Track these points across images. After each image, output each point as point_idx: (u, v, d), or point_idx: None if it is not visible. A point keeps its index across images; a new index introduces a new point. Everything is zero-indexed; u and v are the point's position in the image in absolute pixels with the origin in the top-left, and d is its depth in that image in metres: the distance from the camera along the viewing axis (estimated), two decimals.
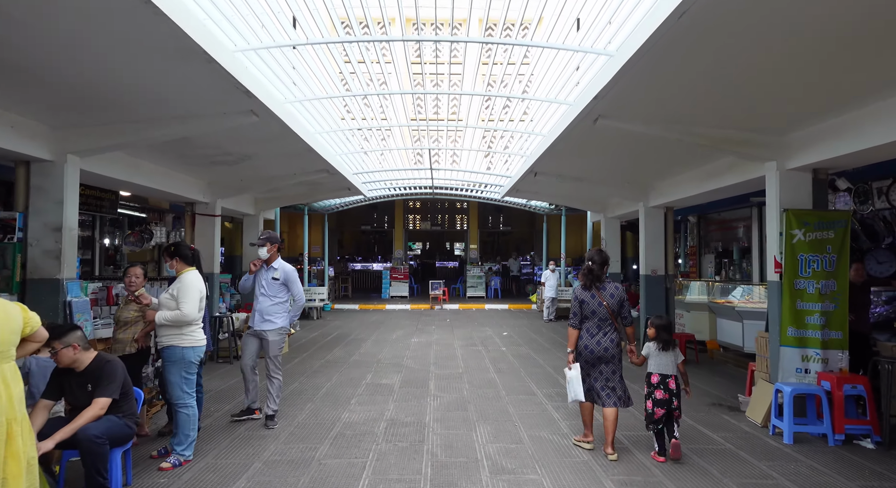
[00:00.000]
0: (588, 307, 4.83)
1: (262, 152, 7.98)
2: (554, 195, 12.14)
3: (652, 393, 4.75)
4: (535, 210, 18.71)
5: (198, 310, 4.70)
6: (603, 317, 4.80)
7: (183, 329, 4.69)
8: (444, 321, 15.44)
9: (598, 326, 4.83)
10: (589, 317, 4.84)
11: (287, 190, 11.21)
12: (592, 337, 4.82)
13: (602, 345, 4.79)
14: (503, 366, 9.11)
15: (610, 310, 4.79)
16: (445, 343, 11.57)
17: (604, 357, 4.81)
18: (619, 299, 4.86)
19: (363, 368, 8.91)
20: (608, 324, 4.83)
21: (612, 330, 4.84)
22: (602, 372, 4.86)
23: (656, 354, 4.85)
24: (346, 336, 12.48)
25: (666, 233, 9.65)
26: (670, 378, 4.75)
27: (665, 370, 4.77)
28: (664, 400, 4.69)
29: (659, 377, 4.76)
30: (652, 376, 4.81)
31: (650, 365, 4.88)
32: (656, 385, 4.74)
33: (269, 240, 6.15)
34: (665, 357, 4.82)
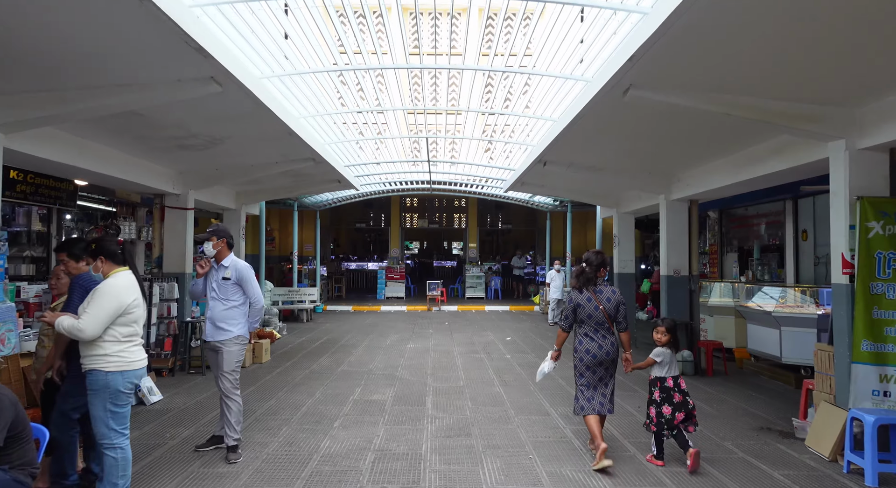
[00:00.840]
0: (584, 311, 4.70)
1: (236, 135, 6.91)
2: (563, 188, 11.08)
3: (671, 398, 4.56)
4: (537, 207, 17.65)
5: (101, 327, 3.51)
6: (599, 321, 4.66)
7: (108, 347, 3.61)
8: (442, 324, 14.38)
9: (594, 330, 4.69)
10: (585, 321, 4.72)
11: (270, 181, 10.12)
12: (593, 341, 4.68)
13: (604, 348, 4.66)
14: (509, 378, 8.05)
15: (606, 314, 4.64)
16: (444, 349, 10.50)
17: (605, 361, 4.68)
18: (616, 303, 4.69)
19: (352, 381, 7.84)
20: (605, 328, 4.69)
21: (609, 334, 4.71)
22: (602, 378, 4.73)
23: (671, 359, 4.73)
24: (336, 341, 11.40)
25: (690, 229, 8.61)
26: (680, 378, 4.68)
27: (674, 372, 4.70)
28: (681, 402, 4.55)
29: (673, 380, 4.64)
30: (667, 380, 4.64)
31: (660, 369, 4.70)
32: (673, 388, 4.59)
33: (214, 233, 5.09)
34: (674, 359, 4.78)
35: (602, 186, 10.22)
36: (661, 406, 4.57)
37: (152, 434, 5.45)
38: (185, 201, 8.51)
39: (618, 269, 10.94)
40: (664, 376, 4.66)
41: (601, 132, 6.81)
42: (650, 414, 4.65)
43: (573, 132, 6.76)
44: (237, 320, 5.02)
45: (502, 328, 13.62)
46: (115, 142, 6.68)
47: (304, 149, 8.00)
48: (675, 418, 4.50)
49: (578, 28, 5.57)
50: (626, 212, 10.85)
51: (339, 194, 16.22)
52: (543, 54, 6.52)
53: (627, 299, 10.90)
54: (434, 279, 19.52)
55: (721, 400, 6.86)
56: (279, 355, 9.79)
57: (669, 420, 4.52)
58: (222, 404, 4.96)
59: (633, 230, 11.05)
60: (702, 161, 7.49)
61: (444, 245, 36.92)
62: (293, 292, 14.82)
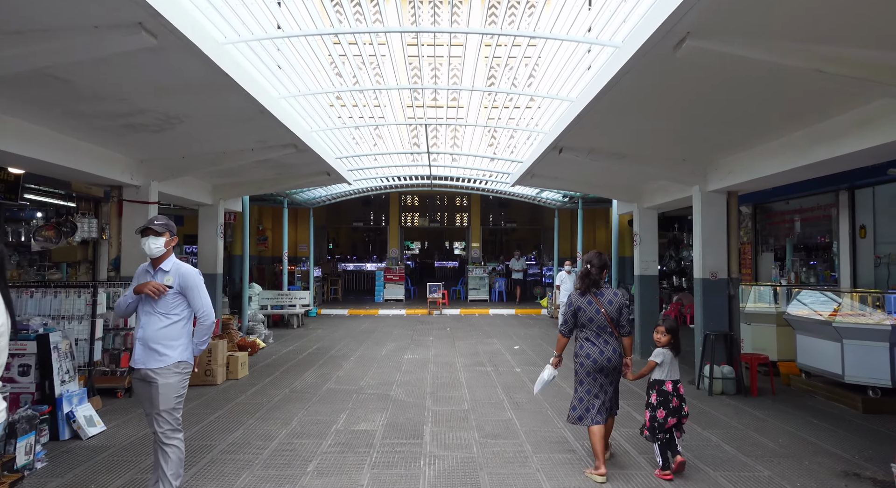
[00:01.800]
0: (585, 314, 4.49)
1: (195, 113, 5.71)
2: (578, 181, 9.85)
3: (668, 403, 4.41)
4: (545, 203, 16.44)
5: None
6: (601, 325, 4.45)
7: None
8: (443, 330, 13.16)
9: (596, 335, 4.47)
10: (586, 325, 4.50)
11: (249, 173, 8.91)
12: (593, 346, 4.45)
13: (605, 354, 4.42)
14: (521, 399, 6.83)
15: (608, 317, 4.43)
16: (446, 361, 9.29)
17: (606, 368, 4.44)
18: (618, 306, 4.48)
19: (338, 402, 6.63)
20: (607, 332, 4.46)
21: (612, 339, 4.46)
22: (603, 386, 4.48)
23: (670, 361, 4.54)
24: (326, 351, 10.20)
25: (729, 224, 7.38)
26: (679, 383, 4.53)
27: (675, 375, 4.53)
28: (677, 407, 4.41)
29: (672, 384, 4.47)
30: (666, 384, 4.47)
31: (662, 373, 4.52)
32: (671, 392, 4.44)
33: (167, 227, 3.90)
34: (675, 362, 4.59)
35: (624, 177, 8.99)
36: (657, 409, 4.42)
37: (75, 484, 4.25)
38: (146, 194, 7.31)
39: (639, 271, 9.72)
40: (663, 379, 4.49)
41: (631, 109, 5.60)
42: (646, 418, 4.51)
43: (597, 111, 5.56)
44: (178, 341, 3.83)
45: (509, 334, 12.41)
46: (44, 119, 5.47)
47: (283, 134, 6.80)
48: (667, 422, 4.37)
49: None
50: (648, 207, 9.63)
51: (333, 190, 15.02)
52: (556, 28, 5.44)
53: (651, 304, 9.74)
54: (435, 280, 18.33)
55: (780, 431, 5.64)
56: (259, 369, 8.58)
57: (661, 424, 4.38)
58: (157, 451, 3.75)
59: (655, 227, 9.83)
60: (750, 143, 6.27)
61: (445, 245, 35.78)
62: (283, 296, 13.63)
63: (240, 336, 10.18)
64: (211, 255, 9.42)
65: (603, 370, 4.42)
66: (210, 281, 9.44)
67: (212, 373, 7.49)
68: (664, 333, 4.57)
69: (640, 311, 9.51)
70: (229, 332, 9.52)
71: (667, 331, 4.55)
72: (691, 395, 6.99)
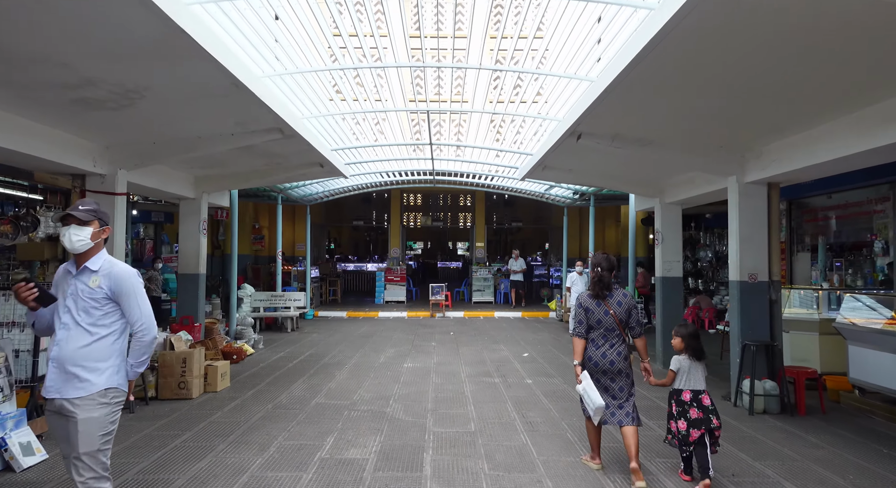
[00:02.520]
0: (593, 316, 4.31)
1: (157, 85, 4.83)
2: (596, 173, 8.92)
3: (685, 413, 4.13)
4: (553, 201, 15.56)
5: None
6: (609, 327, 4.28)
7: None
8: (446, 334, 12.28)
9: (603, 337, 4.30)
10: (594, 327, 4.32)
11: (232, 163, 8.03)
12: (598, 348, 4.29)
13: (608, 357, 4.24)
14: (536, 418, 5.94)
15: (617, 319, 4.27)
16: (449, 371, 8.41)
17: (610, 371, 4.26)
18: (628, 307, 4.32)
19: (326, 421, 5.76)
20: (615, 334, 4.29)
21: (619, 341, 4.30)
22: (608, 388, 4.29)
23: (688, 368, 4.24)
24: (319, 357, 9.32)
25: (770, 220, 6.48)
26: (703, 393, 4.17)
27: (697, 385, 4.20)
28: (700, 419, 4.07)
29: (691, 393, 4.17)
30: (683, 393, 4.20)
31: (680, 381, 4.25)
32: (689, 402, 4.14)
33: (96, 214, 3.05)
34: (696, 370, 4.23)
35: (646, 169, 8.09)
36: (677, 420, 4.19)
37: None
38: (113, 184, 6.44)
39: (661, 272, 8.81)
40: (680, 389, 4.24)
41: (665, 84, 4.72)
42: (670, 428, 4.29)
43: (626, 86, 4.70)
44: (107, 362, 2.97)
45: (516, 339, 11.51)
46: None
47: (265, 116, 5.93)
48: (690, 435, 4.08)
49: None
50: (672, 202, 8.71)
51: (331, 186, 14.16)
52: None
53: (674, 309, 8.84)
54: (438, 281, 17.46)
55: (846, 463, 4.73)
56: (243, 379, 7.71)
57: (684, 436, 4.13)
58: None
59: (679, 224, 8.92)
60: (801, 124, 5.36)
61: (448, 245, 34.90)
62: (277, 297, 12.76)
63: (225, 342, 9.31)
64: (192, 254, 8.56)
65: (606, 373, 4.25)
66: (191, 282, 8.59)
67: (186, 386, 6.62)
68: (678, 338, 4.33)
69: (663, 316, 8.60)
70: (212, 338, 8.66)
71: (684, 337, 4.28)
72: (728, 414, 6.09)
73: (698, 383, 4.20)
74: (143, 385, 6.36)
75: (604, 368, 4.23)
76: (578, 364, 4.28)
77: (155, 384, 6.61)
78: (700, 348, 4.26)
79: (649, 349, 4.85)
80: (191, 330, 8.38)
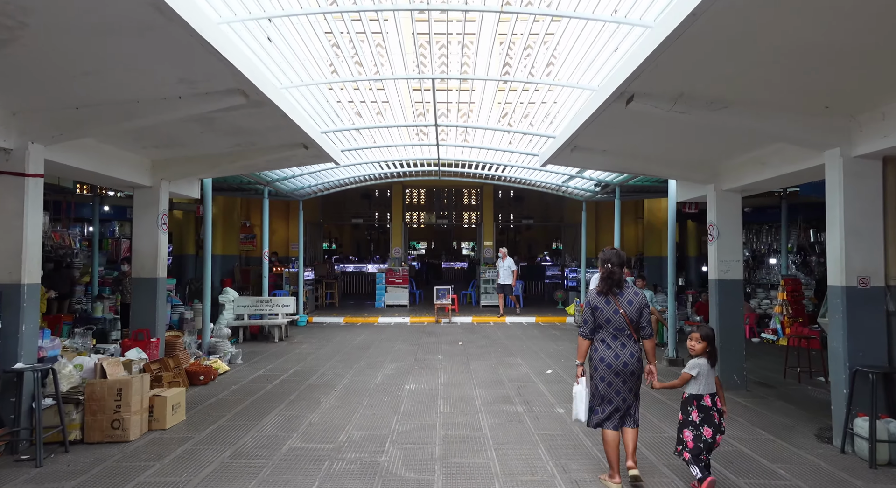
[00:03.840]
0: (602, 314, 3.99)
1: (39, 4, 3.26)
2: (632, 155, 7.21)
3: (711, 419, 3.84)
4: (571, 195, 13.94)
5: None
6: (619, 326, 3.97)
7: None
8: (454, 344, 10.68)
9: (613, 337, 3.99)
10: (603, 326, 4.01)
11: (194, 141, 6.40)
12: (609, 349, 3.98)
13: (621, 358, 3.95)
14: (582, 472, 4.34)
15: (627, 318, 3.95)
16: (460, 395, 6.81)
17: (623, 373, 3.96)
18: (638, 307, 3.99)
19: (298, 481, 4.17)
20: (625, 334, 3.98)
21: (630, 341, 3.98)
22: (619, 391, 3.98)
23: (707, 373, 3.92)
24: (304, 376, 7.74)
25: (886, 207, 4.88)
26: (717, 396, 3.93)
27: (711, 389, 3.92)
28: (719, 424, 3.87)
29: (711, 398, 3.89)
30: (705, 398, 3.89)
31: (698, 386, 3.91)
32: (711, 407, 3.87)
33: None
34: (712, 374, 3.95)
35: (702, 146, 6.46)
36: (701, 427, 3.84)
37: None
38: (22, 162, 4.85)
39: (716, 274, 7.19)
40: (701, 393, 3.90)
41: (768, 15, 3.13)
42: (683, 438, 3.91)
43: (704, 27, 3.13)
44: None
45: (534, 351, 9.91)
46: None
47: (220, 71, 4.36)
48: (716, 441, 3.84)
49: None
50: (730, 188, 7.09)
51: (325, 179, 12.58)
52: None
53: (733, 320, 7.22)
54: (443, 283, 15.86)
55: None
56: (205, 409, 6.12)
57: (709, 443, 3.83)
58: None
59: (739, 215, 7.28)
60: None
61: (453, 244, 33.32)
62: (263, 303, 11.18)
63: (192, 359, 7.74)
64: (148, 254, 6.97)
65: (620, 375, 3.98)
66: (147, 288, 7.01)
67: (122, 425, 5.03)
68: (699, 340, 4.00)
69: (721, 330, 6.99)
70: (174, 356, 7.08)
71: (701, 339, 3.99)
72: (836, 464, 4.53)
73: (712, 387, 3.94)
74: (63, 425, 4.78)
75: (616, 370, 3.98)
76: (580, 364, 4.13)
77: (80, 423, 5.03)
78: (715, 351, 4.03)
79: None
80: (146, 346, 6.80)
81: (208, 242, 8.75)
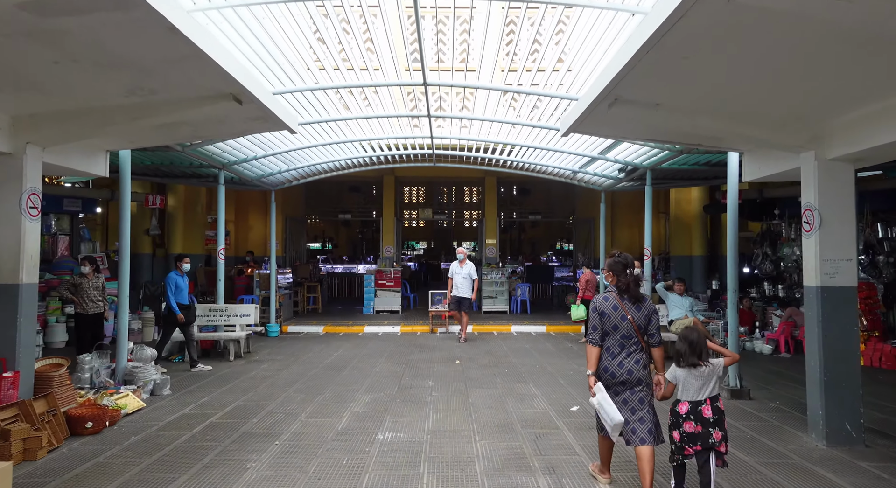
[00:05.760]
0: (609, 321, 3.72)
1: None
2: (699, 107, 4.92)
3: (679, 425, 3.59)
4: (588, 183, 11.77)
5: None
6: (626, 333, 3.69)
7: None
8: (450, 363, 8.50)
9: (619, 345, 3.71)
10: (609, 334, 3.73)
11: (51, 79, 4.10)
12: (613, 357, 3.72)
13: (625, 367, 3.67)
14: None
15: (635, 325, 3.69)
16: (453, 451, 4.63)
17: (628, 382, 3.68)
18: (647, 313, 3.75)
19: None
20: (633, 342, 3.70)
21: (637, 349, 3.71)
22: (627, 401, 3.70)
23: (686, 380, 3.62)
24: (243, 418, 5.56)
25: None
26: (704, 404, 3.56)
27: (695, 396, 3.58)
28: (698, 434, 3.52)
29: (689, 406, 3.58)
30: (679, 406, 3.62)
31: (677, 392, 3.67)
32: (685, 415, 3.57)
33: None
34: (694, 378, 3.58)
35: (804, 90, 4.24)
36: (671, 430, 3.65)
37: None
38: None
39: (818, 279, 4.94)
40: (678, 399, 3.65)
41: None
42: (672, 437, 3.66)
43: None
44: None
45: (550, 373, 7.73)
46: None
47: None
48: (684, 449, 3.54)
49: None
50: (839, 156, 4.88)
51: (298, 161, 10.43)
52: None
53: (845, 337, 4.94)
54: (441, 284, 13.67)
55: None
56: (61, 485, 3.94)
57: (677, 447, 3.58)
58: None
59: (851, 196, 5.03)
60: None
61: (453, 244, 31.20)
62: (217, 312, 9.00)
63: (91, 394, 5.58)
64: (7, 250, 4.78)
65: (625, 384, 3.67)
66: (6, 296, 4.83)
67: None
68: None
69: (827, 356, 4.79)
70: (50, 395, 4.91)
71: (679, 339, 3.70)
72: None
73: (697, 393, 3.56)
74: None
75: (621, 379, 3.67)
76: (592, 374, 3.76)
77: None
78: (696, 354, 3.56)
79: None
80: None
81: (126, 238, 6.55)
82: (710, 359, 3.61)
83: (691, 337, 3.65)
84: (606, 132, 6.25)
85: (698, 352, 3.59)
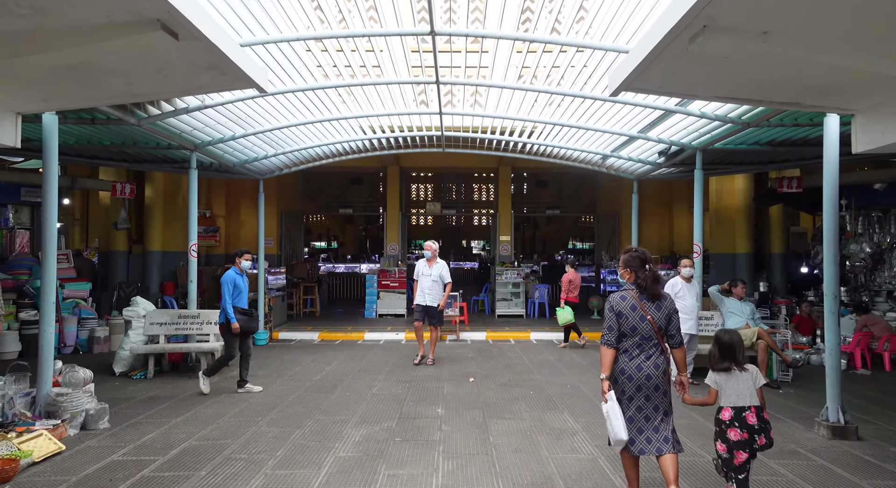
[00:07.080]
0: (627, 322, 3.37)
1: None
2: (826, 35, 3.45)
3: (724, 434, 3.26)
4: (618, 171, 10.21)
5: None
6: (646, 335, 3.36)
7: None
8: (462, 381, 6.98)
9: (638, 346, 3.36)
10: (627, 335, 3.38)
11: None
12: (631, 359, 3.36)
13: (643, 370, 3.32)
14: None
15: (655, 326, 3.36)
16: None
17: (645, 386, 3.33)
18: (667, 313, 3.41)
19: None
20: (652, 344, 3.37)
21: (657, 352, 3.37)
22: (642, 408, 3.35)
23: (726, 384, 3.32)
24: (190, 468, 4.06)
25: None
26: (748, 410, 3.25)
27: (739, 401, 3.27)
28: (744, 441, 3.20)
29: (733, 412, 3.26)
30: (722, 412, 3.30)
31: (720, 398, 3.34)
32: (729, 422, 3.25)
33: None
34: (736, 382, 3.30)
35: None
36: (715, 442, 3.35)
37: None
38: None
39: None
40: (720, 406, 3.34)
41: None
42: (717, 449, 3.34)
43: None
44: None
45: (585, 395, 6.19)
46: None
47: None
48: (735, 457, 3.21)
49: None
50: None
51: (288, 144, 8.94)
52: None
53: None
54: None
55: None
56: None
57: (726, 460, 3.25)
58: None
59: None
60: None
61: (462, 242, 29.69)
62: (188, 319, 7.53)
63: None
64: None
65: (642, 389, 3.33)
66: None
67: None
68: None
69: None
70: None
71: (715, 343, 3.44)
72: None
73: (734, 399, 3.27)
74: None
75: (638, 383, 3.33)
76: (606, 378, 3.36)
77: None
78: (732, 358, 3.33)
79: None
80: None
81: (52, 233, 5.07)
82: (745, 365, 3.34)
83: (724, 338, 3.41)
84: (674, 87, 4.61)
85: (731, 354, 3.35)
